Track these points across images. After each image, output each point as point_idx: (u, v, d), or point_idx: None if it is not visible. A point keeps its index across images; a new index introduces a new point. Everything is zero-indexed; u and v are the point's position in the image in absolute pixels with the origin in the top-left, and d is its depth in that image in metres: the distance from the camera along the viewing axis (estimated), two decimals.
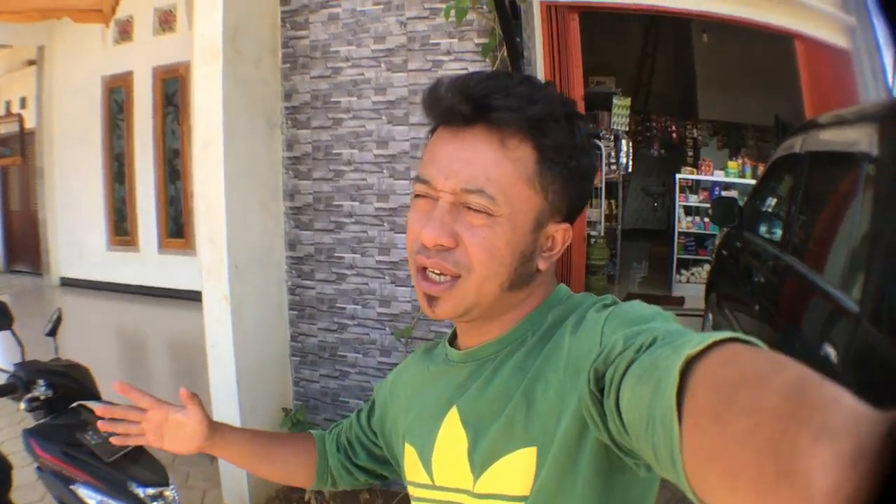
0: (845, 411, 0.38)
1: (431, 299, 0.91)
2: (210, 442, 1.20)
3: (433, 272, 0.89)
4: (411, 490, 1.05)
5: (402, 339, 3.59)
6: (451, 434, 0.96)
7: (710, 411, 0.48)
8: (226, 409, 3.50)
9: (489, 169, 0.86)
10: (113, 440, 1.21)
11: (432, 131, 0.96)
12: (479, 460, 0.90)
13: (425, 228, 0.87)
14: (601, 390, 0.72)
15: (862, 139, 2.57)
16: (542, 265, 0.94)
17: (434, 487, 0.99)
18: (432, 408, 1.01)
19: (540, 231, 0.92)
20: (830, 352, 2.27)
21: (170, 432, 1.19)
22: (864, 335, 2.14)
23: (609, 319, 0.82)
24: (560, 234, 0.95)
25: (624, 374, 0.67)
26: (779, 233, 3.69)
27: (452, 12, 3.16)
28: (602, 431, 0.73)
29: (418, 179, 0.92)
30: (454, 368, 1.01)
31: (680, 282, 8.13)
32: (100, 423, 1.21)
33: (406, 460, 1.07)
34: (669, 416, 0.53)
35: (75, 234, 9.61)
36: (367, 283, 3.74)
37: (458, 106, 0.86)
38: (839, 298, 2.41)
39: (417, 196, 0.93)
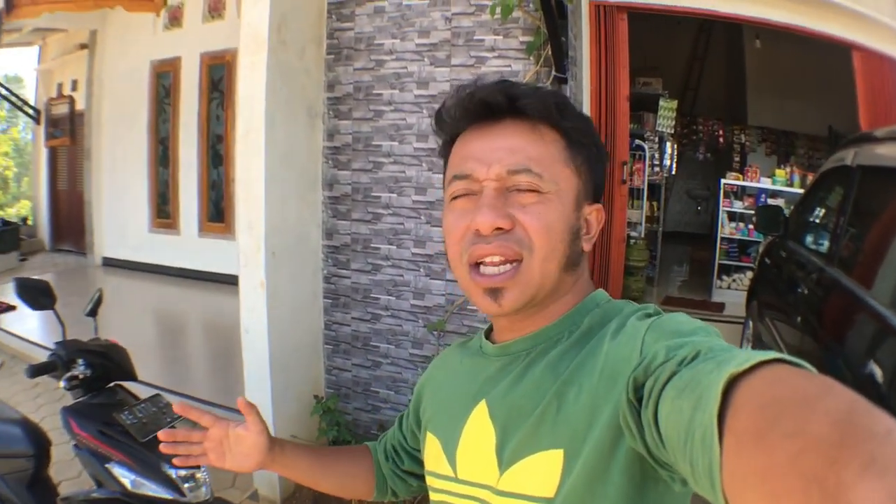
0: None
1: (495, 292, 0.89)
2: (270, 456, 1.18)
3: (490, 266, 0.88)
4: (430, 481, 1.04)
5: (435, 332, 3.60)
6: (479, 427, 0.94)
7: (754, 432, 0.47)
8: (258, 393, 3.53)
9: (529, 151, 0.88)
10: (176, 461, 1.20)
11: (446, 144, 0.99)
12: (507, 456, 0.88)
13: (479, 216, 0.86)
14: (639, 400, 0.71)
15: None
16: (585, 246, 0.95)
17: (456, 480, 0.98)
18: (461, 399, 1.00)
19: (580, 210, 0.93)
20: (876, 371, 2.21)
21: (231, 448, 1.19)
22: None
23: (651, 329, 0.80)
24: (594, 214, 0.96)
25: (664, 385, 0.66)
26: (825, 244, 3.60)
27: (498, 9, 3.14)
28: (638, 442, 0.71)
29: (454, 179, 0.92)
30: (487, 361, 1.00)
31: (720, 287, 8.03)
32: (162, 447, 1.20)
33: (428, 450, 1.06)
34: (710, 434, 0.52)
35: (119, 216, 9.80)
36: (401, 275, 3.74)
37: (493, 97, 0.89)
38: (887, 317, 2.34)
39: (454, 199, 0.92)
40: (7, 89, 11.35)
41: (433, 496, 1.03)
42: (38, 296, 2.65)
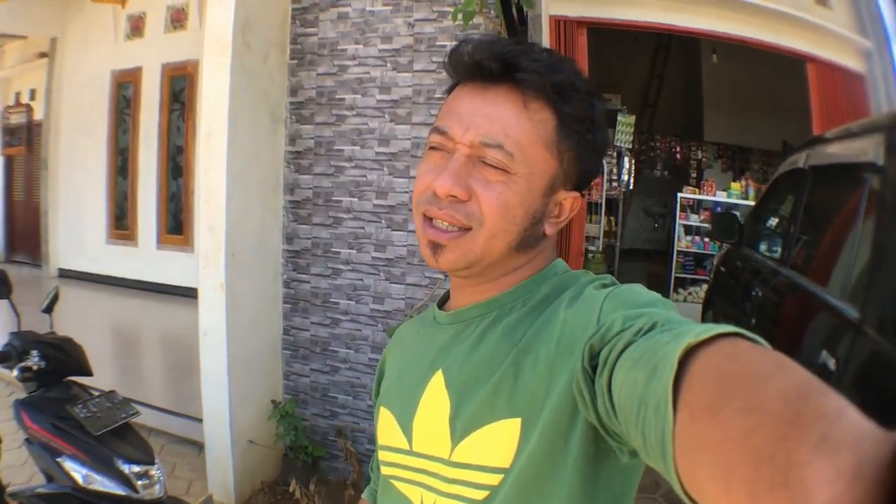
0: (849, 424, 0.37)
1: (437, 247, 0.89)
2: None
3: (439, 222, 0.88)
4: (383, 455, 1.02)
5: None
6: (435, 398, 0.93)
7: (708, 405, 0.47)
8: (216, 398, 3.51)
9: (510, 126, 0.86)
10: None
11: (451, 88, 0.96)
12: (460, 427, 0.87)
13: (439, 179, 0.87)
14: (594, 368, 0.71)
15: (868, 150, 2.55)
16: (548, 230, 0.94)
17: (410, 453, 0.96)
18: (416, 370, 0.99)
19: (551, 196, 0.92)
20: (830, 361, 2.26)
21: None
22: (867, 344, 2.12)
23: (609, 298, 0.80)
24: (569, 201, 0.95)
25: (620, 354, 0.66)
26: (779, 249, 3.68)
27: (460, 15, 3.19)
28: (590, 410, 0.71)
29: (435, 130, 0.91)
30: (440, 330, 1.00)
31: (677, 300, 8.11)
32: None
33: (381, 423, 1.04)
34: (664, 404, 0.52)
35: (76, 227, 9.60)
36: (361, 280, 3.75)
37: (487, 62, 0.86)
38: (841, 308, 2.39)
39: (432, 148, 0.92)
40: None
41: (385, 470, 1.02)
42: None
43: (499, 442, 0.83)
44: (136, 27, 8.67)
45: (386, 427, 1.02)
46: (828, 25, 5.17)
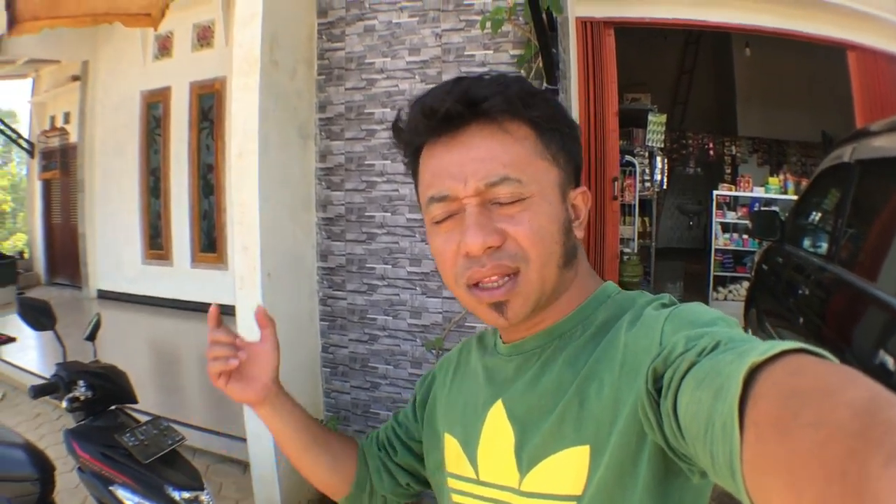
0: None
1: (500, 306, 0.86)
2: (274, 390, 1.08)
3: (489, 282, 0.85)
4: (451, 483, 1.01)
5: (433, 351, 3.57)
6: (497, 428, 0.92)
7: (775, 422, 0.47)
8: (258, 419, 3.49)
9: (502, 156, 0.84)
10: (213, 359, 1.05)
11: (412, 158, 0.94)
12: (527, 457, 0.86)
13: (466, 239, 0.83)
14: (658, 391, 0.70)
15: None
16: (578, 234, 0.92)
17: (478, 482, 0.95)
18: (478, 399, 0.98)
19: (566, 201, 0.90)
20: (888, 360, 2.20)
21: (242, 368, 1.07)
22: None
23: (670, 319, 0.79)
24: (580, 198, 0.93)
25: (684, 376, 0.65)
26: (824, 245, 3.60)
27: (488, 24, 3.15)
28: (657, 433, 0.70)
29: (431, 202, 0.88)
30: (501, 361, 0.98)
31: (717, 299, 8.03)
32: (210, 320, 1.06)
33: (448, 451, 1.03)
34: (731, 423, 0.51)
35: (113, 248, 9.77)
36: (397, 294, 3.72)
37: (453, 108, 0.84)
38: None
39: (437, 223, 0.89)
40: (2, 122, 11.36)
41: (455, 498, 1.01)
42: (39, 316, 2.69)
43: (569, 470, 0.82)
44: (164, 47, 8.81)
45: (452, 455, 1.02)
46: (867, 10, 5.04)
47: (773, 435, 0.46)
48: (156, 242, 9.24)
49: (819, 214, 4.12)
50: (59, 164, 11.34)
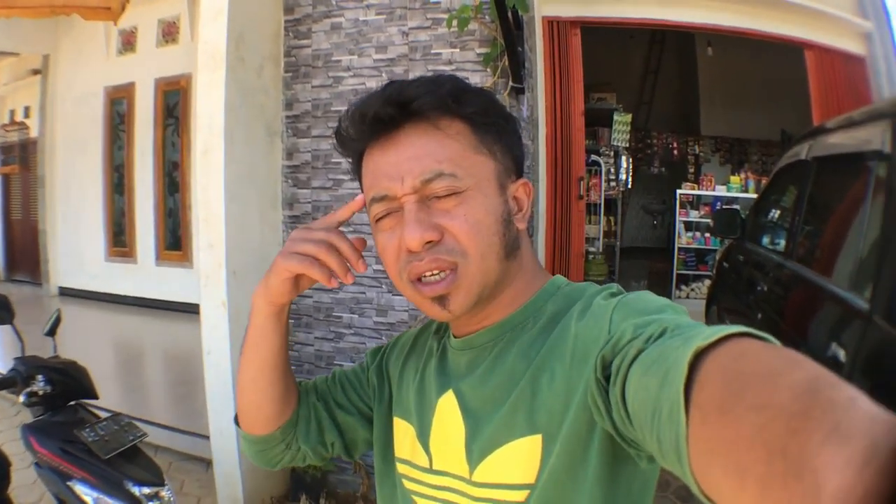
0: (859, 412, 0.38)
1: (441, 299, 0.88)
2: (290, 298, 0.99)
3: (430, 275, 0.87)
4: (403, 469, 1.03)
5: None
6: (449, 419, 0.95)
7: (719, 405, 0.48)
8: (222, 415, 3.48)
9: (437, 152, 0.86)
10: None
11: (356, 163, 0.97)
12: (478, 449, 0.89)
13: (405, 235, 0.85)
14: (607, 378, 0.72)
15: (872, 138, 2.53)
16: (519, 225, 0.94)
17: (431, 471, 0.97)
18: (430, 388, 1.00)
19: (505, 192, 0.92)
20: (840, 352, 2.25)
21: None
22: (877, 333, 2.11)
23: (618, 307, 0.81)
24: (521, 189, 0.95)
25: (632, 363, 0.67)
26: (783, 242, 3.67)
27: (455, 22, 3.16)
28: (606, 420, 0.72)
29: (372, 202, 0.90)
30: (454, 354, 1.00)
31: (679, 297, 8.14)
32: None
33: (399, 436, 1.05)
34: (676, 408, 0.53)
35: (74, 245, 9.58)
36: (364, 293, 3.72)
37: (383, 111, 0.86)
38: (849, 299, 2.38)
39: (378, 220, 0.91)
40: None
41: (407, 485, 1.02)
42: None
43: (521, 459, 0.84)
44: (128, 42, 8.66)
45: (406, 442, 1.03)
46: (825, 9, 5.14)
47: (718, 417, 0.47)
48: (119, 240, 9.08)
49: (778, 212, 4.20)
50: (19, 158, 11.10)
